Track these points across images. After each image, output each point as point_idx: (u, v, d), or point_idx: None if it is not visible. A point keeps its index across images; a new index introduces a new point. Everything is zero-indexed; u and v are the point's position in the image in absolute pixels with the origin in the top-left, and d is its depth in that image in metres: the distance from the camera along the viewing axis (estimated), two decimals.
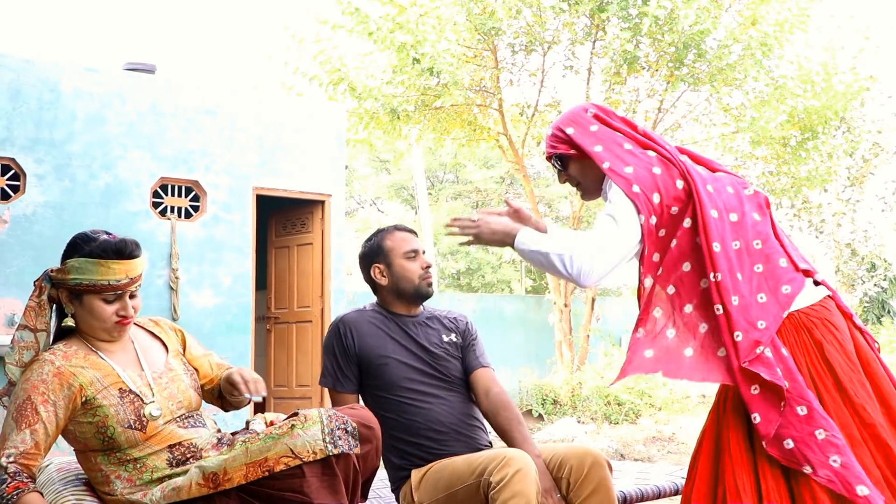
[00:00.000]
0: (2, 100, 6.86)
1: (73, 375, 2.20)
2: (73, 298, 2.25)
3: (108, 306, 2.24)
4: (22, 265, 6.81)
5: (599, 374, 10.87)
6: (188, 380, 2.39)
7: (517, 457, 2.46)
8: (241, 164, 7.88)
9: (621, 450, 7.67)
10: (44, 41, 33.44)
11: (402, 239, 2.92)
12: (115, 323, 2.26)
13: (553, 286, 11.56)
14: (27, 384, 2.17)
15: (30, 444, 2.12)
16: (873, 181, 15.21)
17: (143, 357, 2.35)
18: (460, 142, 12.09)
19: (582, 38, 10.90)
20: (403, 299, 2.91)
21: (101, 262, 2.20)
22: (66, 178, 7.06)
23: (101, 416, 2.19)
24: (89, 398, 2.20)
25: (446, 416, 2.79)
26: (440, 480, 2.63)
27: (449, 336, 2.93)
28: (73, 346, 2.27)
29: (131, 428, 2.20)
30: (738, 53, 10.48)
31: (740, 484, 2.19)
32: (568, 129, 2.50)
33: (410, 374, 2.81)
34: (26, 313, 2.25)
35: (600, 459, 2.61)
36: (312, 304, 8.48)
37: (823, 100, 11.20)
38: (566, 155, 2.52)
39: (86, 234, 2.26)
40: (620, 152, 2.42)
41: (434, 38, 10.26)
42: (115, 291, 2.24)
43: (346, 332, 2.85)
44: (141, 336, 2.44)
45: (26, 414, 2.13)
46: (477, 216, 2.48)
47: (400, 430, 2.78)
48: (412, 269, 2.88)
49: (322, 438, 2.10)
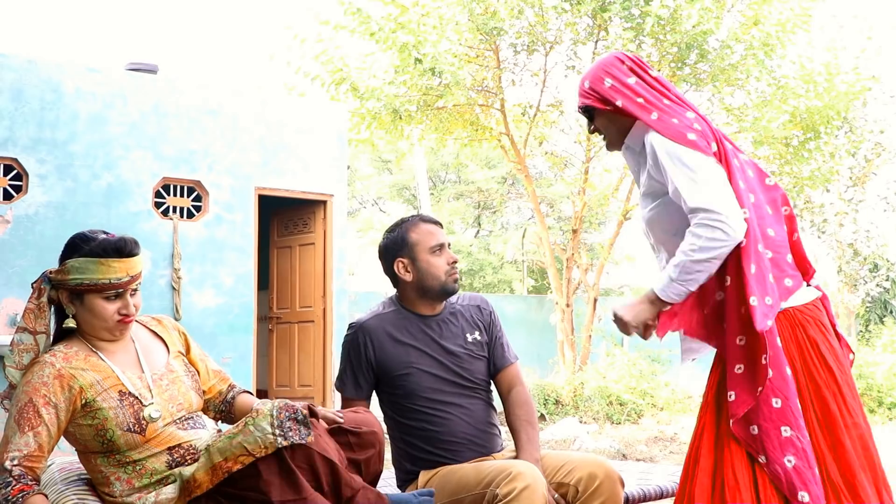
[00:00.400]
0: (4, 100, 6.87)
1: (73, 377, 2.19)
2: (74, 299, 2.25)
3: (109, 305, 2.24)
4: (24, 265, 6.82)
5: (602, 375, 10.85)
6: (189, 381, 2.39)
7: (526, 472, 2.41)
8: (243, 164, 7.88)
9: (623, 450, 7.66)
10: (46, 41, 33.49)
11: (428, 232, 2.76)
12: (117, 322, 2.26)
13: (555, 286, 11.55)
14: (28, 387, 2.16)
15: (33, 447, 2.12)
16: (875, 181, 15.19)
17: (143, 357, 2.34)
18: (462, 142, 12.07)
19: (584, 38, 10.89)
20: (427, 297, 2.78)
21: (102, 260, 2.20)
22: (69, 178, 7.07)
23: (101, 418, 2.19)
24: (89, 400, 2.19)
25: (465, 426, 2.74)
26: (447, 486, 2.61)
27: (473, 334, 2.82)
28: (74, 348, 2.26)
29: (130, 431, 2.19)
30: (740, 53, 10.46)
31: (739, 478, 2.20)
32: (606, 81, 2.45)
33: (432, 384, 2.72)
34: (25, 315, 2.24)
35: (613, 474, 2.55)
36: (314, 304, 8.48)
37: (826, 100, 11.18)
38: (594, 108, 2.48)
39: (84, 234, 2.26)
40: (663, 106, 2.39)
41: (436, 38, 10.25)
42: (116, 290, 2.23)
43: (366, 343, 2.75)
44: (143, 335, 2.43)
45: (28, 416, 2.13)
46: (618, 313, 2.38)
47: (415, 437, 2.74)
48: (438, 265, 2.74)
49: (272, 432, 2.05)
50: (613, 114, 2.46)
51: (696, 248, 2.19)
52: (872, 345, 13.94)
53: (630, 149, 2.49)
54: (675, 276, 2.25)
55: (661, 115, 2.35)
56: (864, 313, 15.70)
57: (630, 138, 2.48)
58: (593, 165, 11.65)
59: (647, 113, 2.36)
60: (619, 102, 2.41)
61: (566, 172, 12.88)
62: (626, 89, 2.41)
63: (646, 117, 2.36)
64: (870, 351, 12.77)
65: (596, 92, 2.46)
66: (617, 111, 2.44)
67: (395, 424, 2.80)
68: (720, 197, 2.20)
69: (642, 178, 2.46)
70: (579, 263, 11.87)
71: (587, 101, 2.49)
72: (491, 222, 22.06)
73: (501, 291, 19.72)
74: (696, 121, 2.34)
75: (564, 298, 11.43)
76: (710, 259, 2.20)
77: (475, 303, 2.91)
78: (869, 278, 15.58)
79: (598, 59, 2.54)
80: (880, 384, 11.01)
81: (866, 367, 11.22)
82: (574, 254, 11.55)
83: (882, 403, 10.86)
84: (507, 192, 19.67)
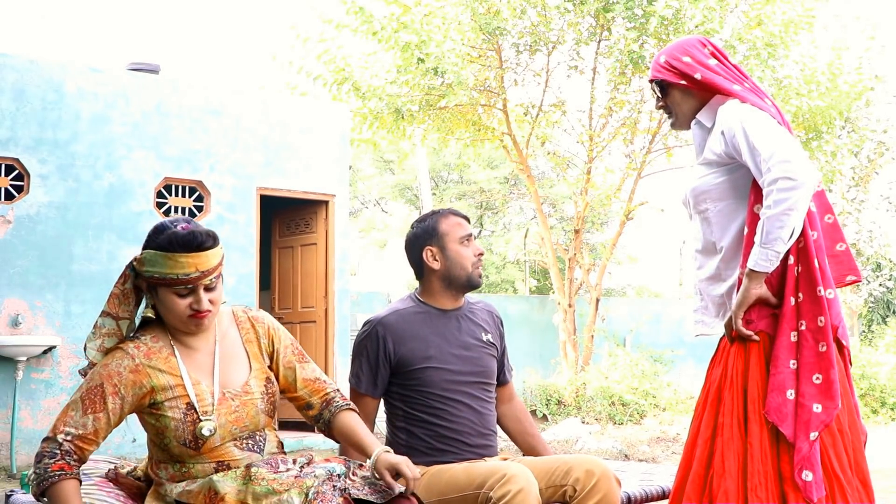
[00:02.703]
0: (6, 100, 6.87)
1: (148, 376, 2.15)
2: (150, 289, 2.19)
3: (181, 300, 2.14)
4: (26, 265, 6.81)
5: (604, 375, 10.85)
6: (262, 405, 2.27)
7: (519, 474, 2.41)
8: (245, 164, 7.88)
9: (626, 450, 7.65)
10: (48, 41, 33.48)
11: (457, 223, 2.83)
12: (189, 317, 2.17)
13: (557, 287, 11.54)
14: (104, 370, 2.13)
15: (90, 430, 2.10)
16: (878, 181, 15.18)
17: (221, 368, 2.25)
18: (464, 142, 12.07)
19: (587, 37, 10.88)
20: (453, 287, 2.81)
21: (169, 255, 2.10)
22: (70, 178, 7.06)
23: (162, 424, 2.16)
24: (157, 402, 2.16)
25: (470, 427, 2.76)
26: (436, 485, 2.61)
27: (487, 335, 2.87)
28: (159, 342, 2.21)
29: (185, 445, 2.16)
30: (743, 53, 10.45)
31: (728, 464, 2.24)
32: (684, 58, 2.48)
33: (449, 377, 2.75)
34: (110, 300, 2.19)
35: (609, 473, 2.55)
36: (316, 304, 8.48)
37: (828, 100, 11.17)
38: (670, 83, 2.51)
39: (162, 224, 2.17)
40: (743, 91, 2.41)
41: (439, 38, 10.25)
42: (186, 285, 2.13)
43: (385, 337, 2.73)
44: (231, 337, 2.32)
45: (94, 400, 2.11)
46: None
47: (420, 429, 2.75)
48: (466, 256, 2.79)
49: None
50: (687, 88, 2.50)
51: (773, 201, 2.18)
52: (875, 345, 13.93)
53: (700, 124, 2.51)
54: (760, 240, 2.22)
55: (744, 90, 2.40)
56: (866, 313, 15.68)
57: (703, 113, 2.50)
58: (595, 165, 11.64)
59: (730, 83, 2.42)
60: (699, 75, 2.45)
61: (568, 172, 12.87)
62: (705, 68, 2.46)
63: (727, 86, 2.41)
64: (872, 351, 12.76)
65: (672, 67, 2.49)
66: (693, 85, 2.48)
67: (401, 413, 2.79)
68: (792, 149, 2.20)
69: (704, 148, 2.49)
70: (581, 263, 11.86)
71: (661, 76, 2.53)
72: (493, 222, 22.06)
73: (504, 291, 19.72)
74: (773, 111, 2.37)
75: (567, 299, 11.42)
76: (788, 210, 2.17)
77: (487, 308, 2.98)
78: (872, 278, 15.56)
79: (678, 39, 2.61)
80: (883, 385, 10.99)
81: (869, 368, 11.21)
82: (576, 254, 11.54)
83: (885, 404, 10.84)
84: (510, 192, 19.67)
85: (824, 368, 2.22)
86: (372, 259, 21.10)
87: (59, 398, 6.80)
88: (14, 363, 6.56)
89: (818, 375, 2.22)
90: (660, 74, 2.53)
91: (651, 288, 21.59)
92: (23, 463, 6.48)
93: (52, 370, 6.82)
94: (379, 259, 20.67)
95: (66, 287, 6.95)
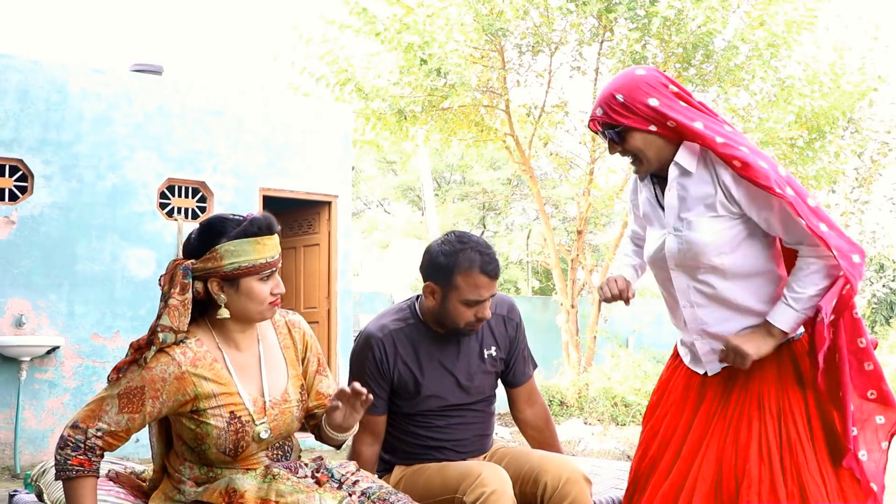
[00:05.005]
0: (9, 101, 6.88)
1: (193, 384, 2.12)
2: (228, 285, 2.15)
3: (264, 286, 2.17)
4: (29, 266, 6.83)
5: (606, 376, 10.84)
6: (297, 413, 2.29)
7: (491, 476, 2.41)
8: (247, 164, 7.89)
9: (628, 451, 7.64)
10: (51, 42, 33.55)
11: (475, 286, 2.57)
12: (270, 303, 2.19)
13: (560, 287, 11.54)
14: (147, 373, 2.10)
15: (122, 428, 2.09)
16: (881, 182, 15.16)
17: (266, 374, 2.25)
18: (467, 143, 12.07)
19: (589, 38, 10.87)
20: (440, 327, 2.70)
21: (258, 239, 2.14)
22: (74, 178, 7.08)
23: (203, 431, 2.14)
24: (200, 410, 2.14)
25: (459, 437, 2.74)
26: (414, 486, 2.62)
27: (490, 350, 2.76)
28: (204, 346, 2.18)
29: (225, 454, 2.16)
30: (745, 54, 10.45)
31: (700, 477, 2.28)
32: (650, 101, 2.20)
33: (441, 403, 2.71)
34: (169, 314, 2.10)
35: (577, 475, 2.52)
36: (319, 304, 8.49)
37: (831, 100, 11.16)
38: (632, 128, 2.23)
39: (223, 218, 2.17)
40: (723, 132, 2.20)
41: (441, 39, 10.25)
42: (271, 269, 2.18)
43: (382, 354, 2.66)
44: (270, 339, 2.32)
45: (133, 400, 2.09)
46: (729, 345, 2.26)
47: (405, 433, 2.74)
48: (464, 317, 2.61)
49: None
50: (653, 134, 2.23)
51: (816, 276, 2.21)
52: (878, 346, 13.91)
53: (681, 168, 2.26)
54: (797, 306, 2.22)
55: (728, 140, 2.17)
56: (870, 314, 15.66)
57: (683, 157, 2.25)
58: (598, 166, 11.63)
59: (713, 133, 2.18)
60: (672, 124, 2.21)
61: (571, 173, 12.86)
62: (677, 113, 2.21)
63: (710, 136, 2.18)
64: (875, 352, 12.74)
65: (636, 111, 2.21)
66: (664, 131, 2.23)
67: (388, 418, 2.77)
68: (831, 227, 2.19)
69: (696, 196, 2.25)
70: (584, 264, 11.85)
71: (623, 121, 2.23)
72: (496, 223, 22.06)
73: (506, 292, 19.72)
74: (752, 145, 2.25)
75: (569, 299, 11.41)
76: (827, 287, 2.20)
77: (502, 312, 2.82)
78: (875, 279, 15.54)
79: (628, 73, 2.26)
80: None
81: None
82: (579, 255, 11.54)
83: None
84: (512, 192, 19.66)
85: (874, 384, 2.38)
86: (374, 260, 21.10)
87: (63, 398, 6.81)
88: (18, 363, 6.57)
89: (872, 391, 2.37)
90: (622, 119, 2.23)
91: (653, 289, 21.57)
92: (26, 463, 6.49)
93: (55, 370, 6.83)
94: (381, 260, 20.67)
95: (70, 287, 6.96)
